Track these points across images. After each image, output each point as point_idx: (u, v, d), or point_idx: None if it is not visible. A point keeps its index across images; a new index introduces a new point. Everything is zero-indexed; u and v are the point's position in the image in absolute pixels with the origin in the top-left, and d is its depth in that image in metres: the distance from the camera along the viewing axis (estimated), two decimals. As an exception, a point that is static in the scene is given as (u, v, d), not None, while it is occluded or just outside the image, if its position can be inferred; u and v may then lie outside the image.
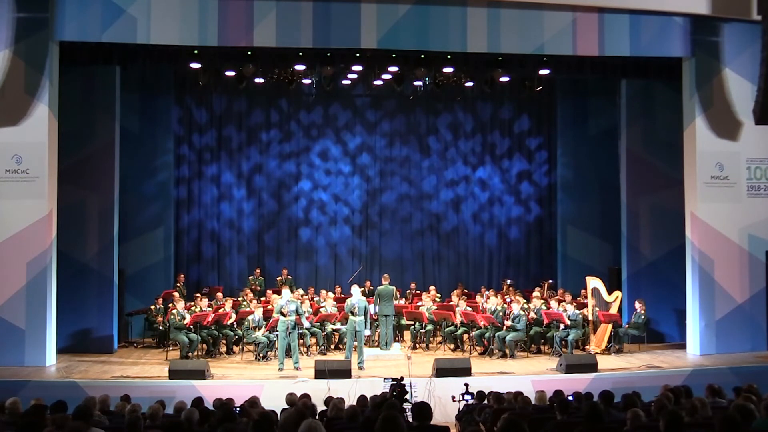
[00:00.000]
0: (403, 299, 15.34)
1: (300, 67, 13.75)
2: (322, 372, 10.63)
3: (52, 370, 11.48)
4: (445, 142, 17.73)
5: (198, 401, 7.54)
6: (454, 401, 9.18)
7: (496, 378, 10.84)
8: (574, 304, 13.32)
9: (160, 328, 13.34)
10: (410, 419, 5.89)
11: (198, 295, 13.62)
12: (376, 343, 13.51)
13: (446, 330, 13.49)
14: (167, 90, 15.65)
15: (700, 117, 12.94)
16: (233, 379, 10.90)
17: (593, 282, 13.43)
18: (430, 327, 13.76)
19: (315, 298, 14.52)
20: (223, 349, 13.04)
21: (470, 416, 7.80)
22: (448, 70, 13.73)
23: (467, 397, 8.96)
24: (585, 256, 16.14)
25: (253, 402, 7.60)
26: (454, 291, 15.55)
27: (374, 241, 17.58)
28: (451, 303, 14.15)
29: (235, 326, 13.08)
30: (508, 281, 16.28)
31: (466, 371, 10.77)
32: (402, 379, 9.30)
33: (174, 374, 10.63)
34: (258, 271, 16.27)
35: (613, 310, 13.07)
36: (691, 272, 13.03)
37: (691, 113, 13.06)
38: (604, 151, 15.59)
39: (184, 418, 6.04)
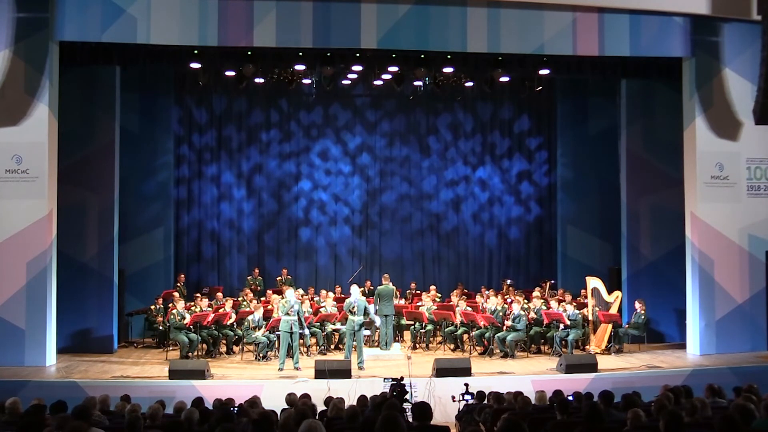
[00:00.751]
0: (403, 299, 15.35)
1: (300, 67, 13.74)
2: (322, 372, 10.63)
3: (52, 370, 11.48)
4: (445, 142, 17.74)
5: (198, 401, 7.54)
6: (454, 401, 9.17)
7: (496, 378, 10.84)
8: (574, 304, 13.32)
9: (160, 328, 13.34)
10: (410, 419, 5.89)
11: (198, 295, 13.62)
12: (376, 343, 13.51)
13: (446, 330, 13.49)
14: (167, 90, 15.65)
15: (700, 117, 12.94)
16: (233, 379, 10.89)
17: (593, 282, 13.43)
18: (430, 327, 13.76)
19: (315, 298, 14.52)
20: (223, 349, 13.04)
21: (470, 416, 7.79)
22: (448, 70, 13.72)
23: (467, 397, 8.95)
24: (585, 256, 16.14)
25: (254, 402, 7.60)
26: (454, 291, 15.56)
27: (374, 241, 17.59)
28: (451, 303, 14.15)
29: (235, 326, 13.08)
30: (508, 281, 16.28)
31: (466, 371, 10.77)
32: (402, 379, 9.30)
33: (174, 374, 10.63)
34: (257, 270, 16.26)
35: (613, 310, 13.07)
36: (691, 272, 13.03)
37: (691, 113, 13.06)
38: (604, 151, 15.58)
39: (184, 418, 6.04)
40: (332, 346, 13.40)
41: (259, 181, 17.26)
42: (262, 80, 14.63)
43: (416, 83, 15.34)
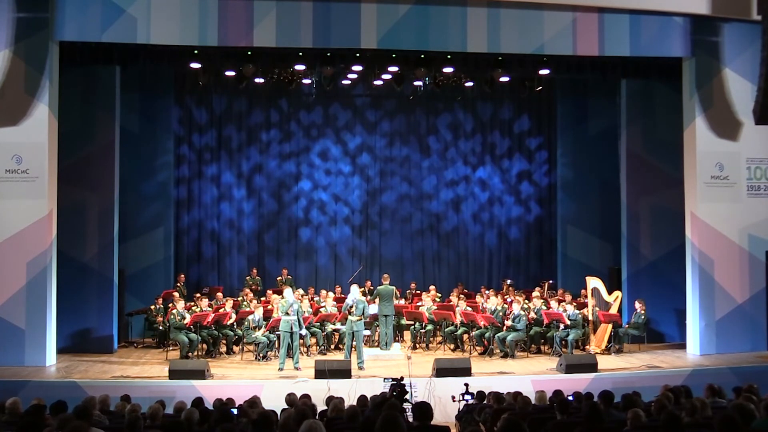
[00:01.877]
0: (403, 299, 15.34)
1: (300, 67, 13.74)
2: (322, 372, 10.63)
3: (52, 370, 11.48)
4: (445, 142, 17.73)
5: (198, 401, 7.55)
6: (454, 401, 9.18)
7: (496, 378, 10.85)
8: (574, 304, 13.32)
9: (160, 328, 13.34)
10: (410, 419, 5.89)
11: (198, 295, 13.63)
12: (376, 343, 13.51)
13: (446, 330, 13.49)
14: (167, 90, 15.64)
15: (700, 117, 12.94)
16: (233, 379, 10.90)
17: (593, 282, 13.43)
18: (430, 327, 13.76)
19: (315, 298, 14.52)
20: (223, 349, 13.04)
21: (470, 416, 7.79)
22: (448, 70, 13.72)
23: (467, 397, 8.95)
24: (585, 256, 16.14)
25: (254, 402, 7.60)
26: (454, 291, 15.56)
27: (374, 241, 17.59)
28: (451, 303, 14.15)
29: (235, 326, 13.08)
30: (508, 281, 16.28)
31: (466, 371, 10.77)
32: (402, 379, 9.30)
33: (174, 374, 10.63)
34: (255, 270, 16.26)
35: (613, 310, 13.07)
36: (691, 272, 13.03)
37: (691, 113, 13.06)
38: (604, 151, 15.57)
39: (184, 418, 6.04)
40: (332, 346, 13.40)
41: (259, 181, 17.26)
42: (262, 80, 14.63)
43: (416, 83, 15.33)
